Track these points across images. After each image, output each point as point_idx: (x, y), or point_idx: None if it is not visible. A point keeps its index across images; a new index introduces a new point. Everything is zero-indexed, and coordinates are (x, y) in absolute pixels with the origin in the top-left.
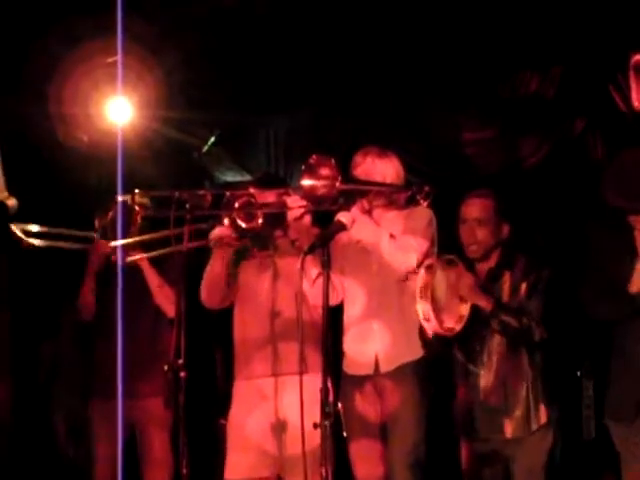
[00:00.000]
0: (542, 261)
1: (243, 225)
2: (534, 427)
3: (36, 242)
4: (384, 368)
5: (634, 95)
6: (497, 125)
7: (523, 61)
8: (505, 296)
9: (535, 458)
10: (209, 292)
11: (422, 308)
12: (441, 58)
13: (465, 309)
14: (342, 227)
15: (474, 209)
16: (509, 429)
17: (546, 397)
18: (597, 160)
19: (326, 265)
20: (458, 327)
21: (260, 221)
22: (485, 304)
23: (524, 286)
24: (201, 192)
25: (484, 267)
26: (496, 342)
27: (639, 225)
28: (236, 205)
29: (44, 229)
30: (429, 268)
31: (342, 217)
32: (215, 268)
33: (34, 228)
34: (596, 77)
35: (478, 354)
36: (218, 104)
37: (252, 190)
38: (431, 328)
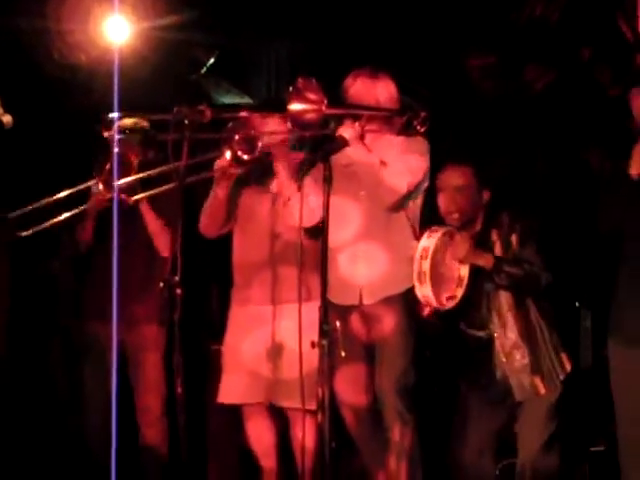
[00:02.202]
0: (527, 210)
1: (245, 157)
2: (562, 377)
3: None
4: (368, 300)
5: None
6: (501, 50)
7: None
8: (498, 253)
9: (546, 404)
10: (210, 221)
11: (422, 293)
12: None
13: (464, 270)
14: (344, 142)
15: (452, 177)
16: (541, 386)
17: (562, 344)
18: (606, 86)
19: (328, 181)
20: (460, 292)
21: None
22: (485, 262)
23: (514, 238)
24: (200, 107)
25: (470, 232)
26: (503, 300)
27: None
28: (236, 137)
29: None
30: (423, 252)
31: (344, 132)
32: (218, 197)
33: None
34: (603, 4)
35: (486, 318)
36: (218, 25)
37: (253, 116)
38: (431, 310)
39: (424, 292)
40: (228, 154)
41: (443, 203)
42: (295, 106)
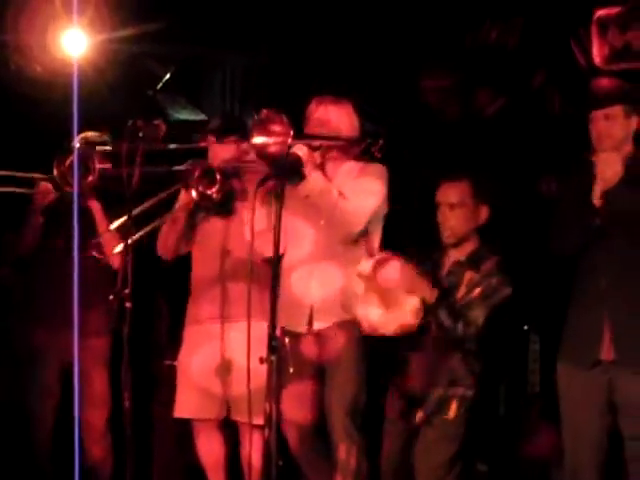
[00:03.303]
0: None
1: (208, 192)
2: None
3: None
4: (318, 324)
5: (595, 51)
6: (456, 74)
7: (485, 10)
8: (460, 292)
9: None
10: (169, 244)
11: (366, 314)
12: (403, 4)
13: (416, 301)
14: (297, 159)
15: (447, 193)
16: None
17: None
18: (554, 114)
19: (278, 198)
20: (416, 321)
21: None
22: (428, 296)
23: (478, 291)
24: (156, 122)
25: (455, 255)
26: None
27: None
28: (196, 174)
29: None
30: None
31: (298, 150)
32: (177, 225)
33: None
34: (558, 30)
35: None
36: (175, 38)
37: (210, 139)
38: (383, 334)
39: (370, 316)
40: (194, 193)
41: (439, 220)
42: (258, 139)
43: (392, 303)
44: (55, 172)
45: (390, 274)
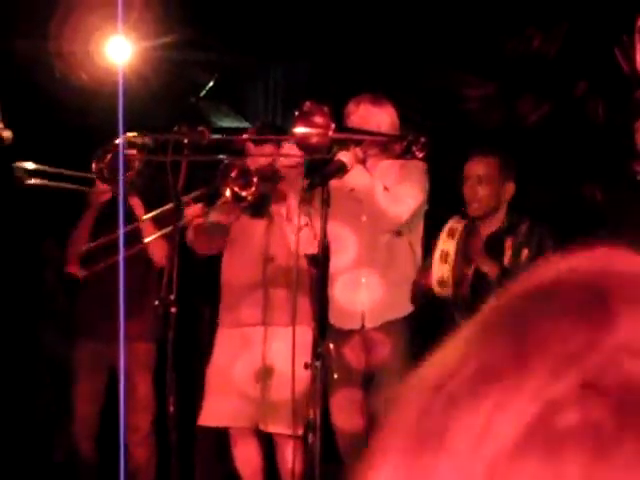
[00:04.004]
0: (544, 226)
1: (243, 194)
2: None
3: (35, 181)
4: (370, 324)
5: (639, 59)
6: (497, 82)
7: (527, 18)
8: (507, 261)
9: None
10: (205, 239)
11: (442, 273)
12: (444, 12)
13: (470, 270)
14: (343, 166)
15: (476, 166)
16: None
17: None
18: (597, 122)
19: (326, 204)
20: (461, 289)
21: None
22: (489, 269)
23: (526, 252)
24: (199, 129)
25: (486, 230)
26: None
27: None
28: (232, 175)
29: (42, 167)
30: (451, 233)
31: (343, 156)
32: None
33: (31, 166)
34: (600, 38)
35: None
36: (218, 47)
37: (248, 142)
38: (441, 292)
39: (444, 273)
40: (228, 192)
41: (466, 193)
42: (300, 129)
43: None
44: (94, 168)
45: (471, 244)
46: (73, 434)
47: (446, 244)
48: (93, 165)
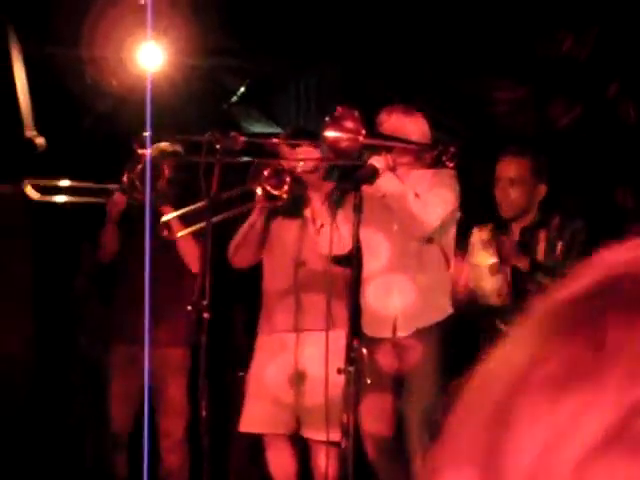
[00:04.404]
0: (577, 219)
1: (275, 193)
2: None
3: (63, 199)
4: (402, 332)
5: None
6: (529, 85)
7: (558, 20)
8: (540, 255)
9: None
10: (244, 251)
11: (496, 284)
12: (474, 15)
13: (506, 270)
14: (375, 171)
15: (508, 168)
16: None
17: None
18: (629, 124)
19: (358, 210)
20: (506, 291)
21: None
22: (522, 264)
23: (560, 245)
24: (232, 134)
25: (518, 226)
26: None
27: None
28: (265, 174)
29: (73, 184)
30: (485, 246)
31: (376, 162)
32: (251, 234)
33: (65, 183)
34: (631, 40)
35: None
36: (248, 52)
37: (282, 146)
38: (500, 303)
39: (498, 284)
40: (259, 190)
41: (497, 194)
42: (331, 133)
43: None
44: (125, 179)
45: (503, 245)
46: (107, 438)
47: (486, 257)
48: (125, 176)
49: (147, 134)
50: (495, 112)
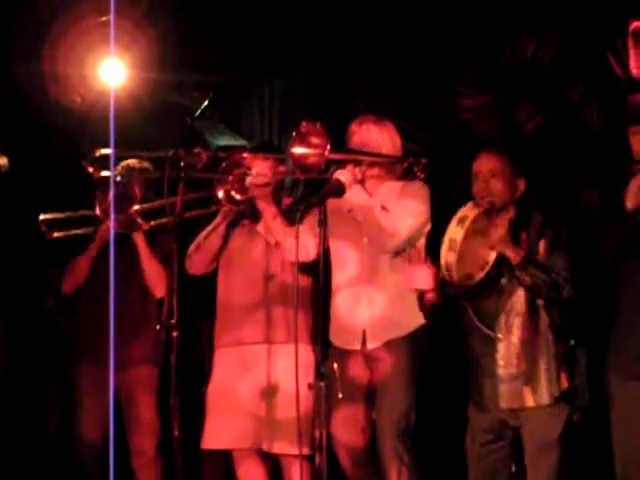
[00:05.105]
0: (558, 217)
1: (237, 197)
2: (556, 394)
3: (59, 234)
4: (372, 344)
5: (632, 62)
6: (494, 91)
7: (521, 26)
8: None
9: (551, 429)
10: (201, 261)
11: (447, 259)
12: (437, 23)
13: (491, 256)
14: (340, 186)
15: (487, 161)
16: (530, 398)
17: (564, 362)
18: (593, 127)
19: (322, 223)
20: (479, 276)
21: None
22: (514, 255)
23: (542, 244)
24: (196, 150)
25: (503, 225)
26: (516, 302)
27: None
28: (230, 178)
29: (52, 215)
30: (462, 219)
31: (340, 176)
32: (212, 239)
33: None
34: (594, 43)
35: (494, 317)
36: (212, 66)
37: (246, 156)
38: (449, 277)
39: (449, 259)
40: (221, 193)
41: (477, 187)
42: (298, 150)
43: (472, 251)
44: (97, 210)
45: (494, 230)
46: (78, 459)
47: (454, 232)
48: (97, 208)
49: (110, 151)
50: (461, 119)
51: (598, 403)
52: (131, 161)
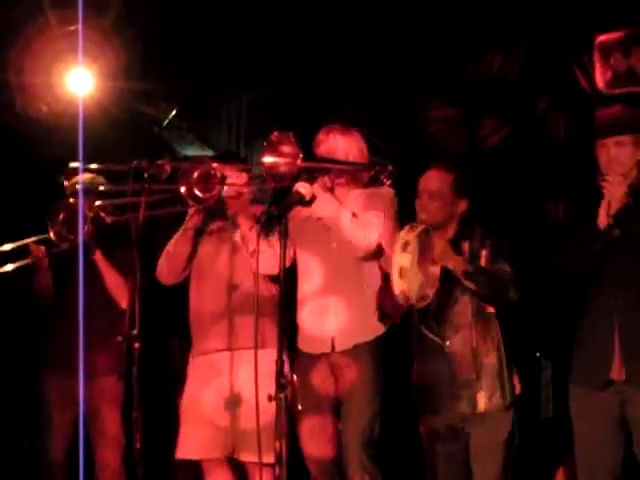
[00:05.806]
0: (499, 230)
1: (200, 195)
2: (509, 399)
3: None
4: (340, 347)
5: (598, 76)
6: (461, 104)
7: (488, 39)
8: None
9: (497, 434)
10: (170, 269)
11: (400, 288)
12: (405, 36)
13: (436, 270)
14: (301, 197)
15: (429, 182)
16: (482, 403)
17: (515, 367)
18: (558, 140)
19: (284, 235)
20: (433, 290)
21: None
22: (456, 265)
23: (484, 253)
24: (160, 162)
25: (441, 238)
26: (464, 308)
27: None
28: (195, 175)
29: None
30: (404, 245)
31: (300, 188)
32: (181, 246)
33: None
34: (560, 56)
35: (443, 324)
36: (179, 76)
37: (214, 165)
38: (406, 302)
39: (403, 287)
40: (183, 190)
41: (417, 205)
42: (268, 159)
43: (421, 272)
44: (50, 233)
45: (434, 245)
46: (44, 467)
47: (401, 259)
48: (50, 232)
49: (78, 165)
50: (427, 131)
51: (562, 414)
52: (81, 177)
